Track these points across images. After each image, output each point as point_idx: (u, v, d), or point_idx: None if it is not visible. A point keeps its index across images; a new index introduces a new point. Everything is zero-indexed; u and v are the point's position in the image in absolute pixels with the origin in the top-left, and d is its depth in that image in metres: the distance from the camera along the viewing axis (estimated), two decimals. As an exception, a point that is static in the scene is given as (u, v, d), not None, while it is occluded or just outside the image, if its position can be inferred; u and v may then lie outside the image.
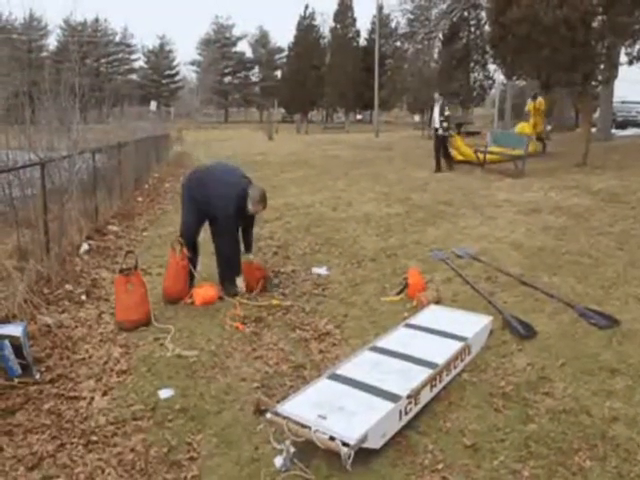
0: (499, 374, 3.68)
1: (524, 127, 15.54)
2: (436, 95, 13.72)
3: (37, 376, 3.75)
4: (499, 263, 5.80)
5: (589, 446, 2.90)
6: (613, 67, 12.42)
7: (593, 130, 16.68)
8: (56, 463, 2.93)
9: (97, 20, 65.73)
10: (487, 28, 22.89)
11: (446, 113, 13.14)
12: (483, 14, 29.51)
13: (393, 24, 52.35)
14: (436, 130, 13.36)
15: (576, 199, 8.54)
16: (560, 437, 2.98)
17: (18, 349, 3.69)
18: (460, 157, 13.73)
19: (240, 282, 5.33)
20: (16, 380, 3.65)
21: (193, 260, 5.41)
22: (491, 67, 33.06)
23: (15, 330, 3.77)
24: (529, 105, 15.90)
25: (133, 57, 70.20)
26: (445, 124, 13.05)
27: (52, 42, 63.28)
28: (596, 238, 6.44)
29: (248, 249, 5.60)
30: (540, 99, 15.65)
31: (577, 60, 10.97)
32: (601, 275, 5.28)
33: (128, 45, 69.18)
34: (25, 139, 6.80)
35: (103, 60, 65.27)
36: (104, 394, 3.62)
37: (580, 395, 3.36)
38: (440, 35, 35.02)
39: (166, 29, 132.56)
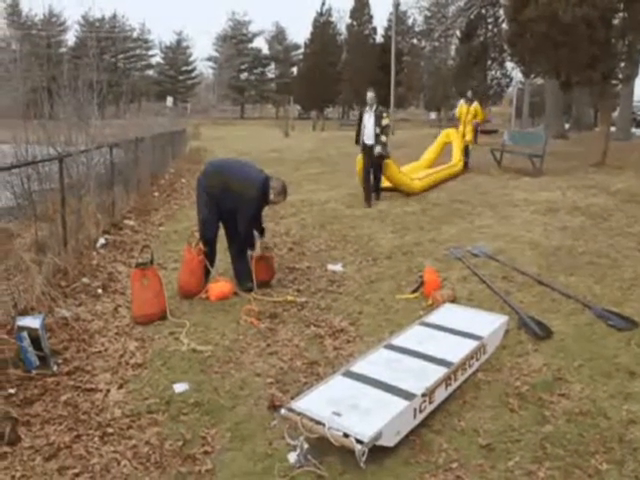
0: (514, 374, 3.66)
1: (449, 134, 12.53)
2: (369, 95, 9.28)
3: (54, 368, 3.79)
4: (515, 262, 5.75)
5: (606, 449, 2.87)
6: (634, 65, 12.25)
7: (612, 129, 16.47)
8: (72, 454, 2.96)
9: (115, 16, 66.14)
10: (505, 26, 22.75)
11: (384, 122, 9.13)
12: (501, 12, 29.31)
13: (410, 21, 52.17)
14: (369, 148, 9.11)
15: (594, 199, 8.44)
16: (576, 439, 2.96)
17: (36, 341, 3.74)
18: (387, 183, 9.77)
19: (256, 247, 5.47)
20: (34, 372, 3.69)
21: (210, 256, 5.44)
22: (509, 65, 32.86)
23: (33, 322, 3.81)
24: (461, 107, 12.84)
25: (150, 53, 70.50)
26: (384, 138, 9.05)
27: (71, 38, 63.89)
28: (615, 239, 6.36)
29: (262, 234, 5.63)
30: (476, 105, 12.57)
31: (597, 58, 10.83)
32: (619, 276, 5.21)
33: (145, 41, 69.52)
34: (44, 134, 6.86)
35: (121, 56, 65.58)
36: (120, 387, 3.66)
37: (597, 397, 3.32)
38: (457, 33, 34.82)
39: (183, 25, 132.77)
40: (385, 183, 9.69)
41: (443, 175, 10.96)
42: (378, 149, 8.99)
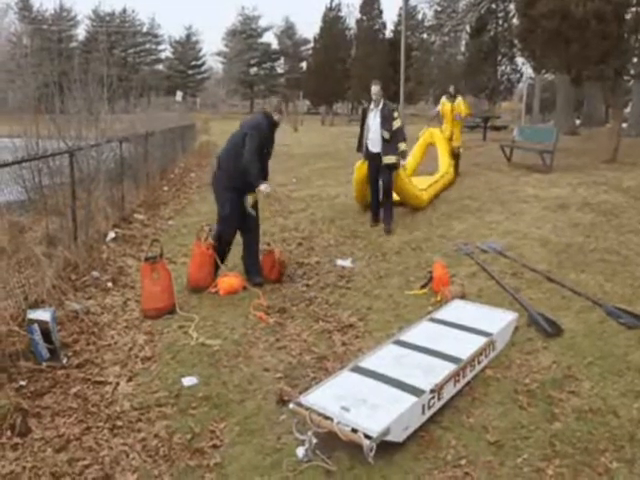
0: (524, 371, 3.65)
1: (433, 134, 10.99)
2: (374, 89, 7.35)
3: (64, 361, 3.82)
4: (525, 259, 5.72)
5: (616, 447, 2.85)
6: (646, 61, 12.11)
7: (624, 126, 16.30)
8: (82, 446, 2.99)
9: (125, 11, 66.15)
10: (515, 21, 22.54)
11: (395, 125, 7.19)
12: (512, 7, 29.04)
13: (420, 16, 51.84)
14: (375, 156, 7.25)
15: (605, 196, 8.36)
16: (586, 437, 2.94)
17: (47, 334, 3.77)
18: (396, 197, 7.83)
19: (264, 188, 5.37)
20: (44, 364, 3.72)
21: (220, 251, 5.44)
22: (519, 60, 32.58)
23: (44, 315, 3.84)
24: (444, 105, 11.06)
25: (160, 48, 70.43)
26: (403, 146, 7.25)
27: (81, 32, 63.89)
28: (626, 236, 6.30)
29: (265, 178, 5.56)
30: (460, 100, 10.93)
31: (608, 54, 10.70)
32: (631, 274, 5.17)
33: (155, 36, 69.51)
34: (54, 128, 6.89)
35: (130, 50, 65.64)
36: (129, 380, 3.68)
37: (607, 395, 3.30)
38: (467, 27, 34.53)
39: (193, 20, 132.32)
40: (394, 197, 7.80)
41: (441, 185, 9.74)
42: (389, 158, 7.10)
